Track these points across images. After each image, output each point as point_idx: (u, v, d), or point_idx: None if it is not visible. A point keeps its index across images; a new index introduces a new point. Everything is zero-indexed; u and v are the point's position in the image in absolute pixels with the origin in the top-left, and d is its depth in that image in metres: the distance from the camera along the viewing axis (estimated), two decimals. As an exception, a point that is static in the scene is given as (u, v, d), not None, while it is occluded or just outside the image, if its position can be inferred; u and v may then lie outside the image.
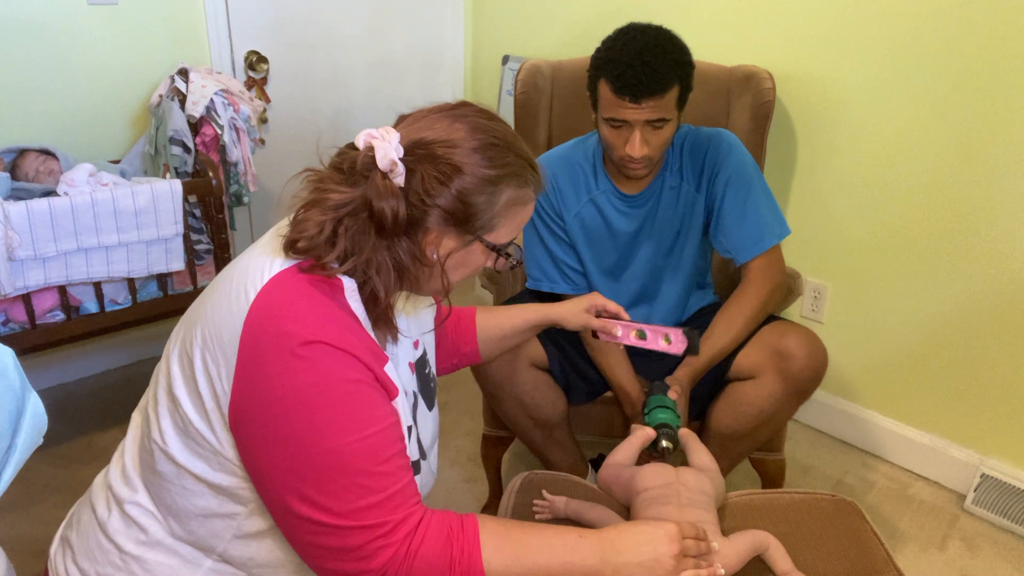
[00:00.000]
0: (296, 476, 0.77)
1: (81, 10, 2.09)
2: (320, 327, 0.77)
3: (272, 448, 0.77)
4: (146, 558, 0.87)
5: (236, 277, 0.82)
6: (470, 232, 0.86)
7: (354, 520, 0.77)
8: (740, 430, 1.48)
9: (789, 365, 1.40)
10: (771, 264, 1.51)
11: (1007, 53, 1.65)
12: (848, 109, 1.94)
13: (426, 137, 0.83)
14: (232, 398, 0.78)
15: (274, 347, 0.76)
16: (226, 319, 0.78)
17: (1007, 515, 1.83)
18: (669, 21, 2.26)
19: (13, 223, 1.66)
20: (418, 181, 0.82)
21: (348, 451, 0.77)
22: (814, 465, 2.06)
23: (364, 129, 0.84)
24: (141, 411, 0.93)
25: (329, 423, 0.76)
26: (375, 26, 2.69)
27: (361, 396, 0.79)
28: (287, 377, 0.75)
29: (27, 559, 1.66)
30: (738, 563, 1.06)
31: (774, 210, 1.53)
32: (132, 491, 0.89)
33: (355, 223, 0.82)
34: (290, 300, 0.78)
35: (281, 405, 0.76)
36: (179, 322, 0.88)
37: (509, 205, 0.87)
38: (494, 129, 0.86)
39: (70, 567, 0.91)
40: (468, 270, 0.91)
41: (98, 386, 2.35)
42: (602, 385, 1.62)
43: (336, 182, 0.84)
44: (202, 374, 0.79)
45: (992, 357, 1.83)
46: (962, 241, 1.82)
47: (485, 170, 0.84)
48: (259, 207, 2.59)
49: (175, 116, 2.03)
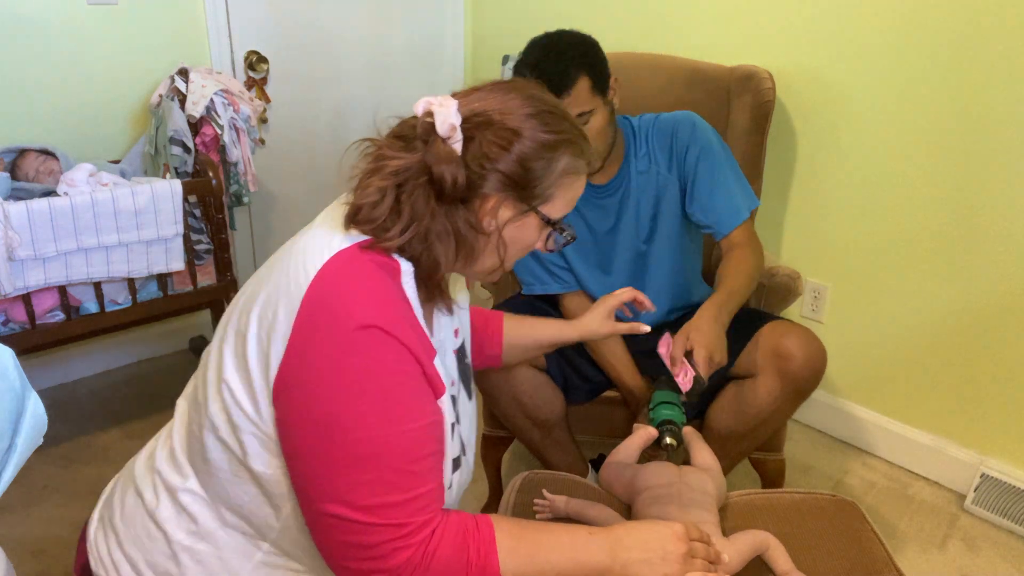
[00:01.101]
0: (326, 462, 0.76)
1: (81, 10, 2.09)
2: (378, 312, 0.77)
3: (309, 427, 0.76)
4: (197, 548, 0.86)
5: (296, 254, 0.81)
6: (527, 201, 0.87)
7: (376, 517, 0.76)
8: (739, 430, 1.48)
9: (788, 365, 1.40)
10: (751, 233, 1.54)
11: (1007, 53, 1.65)
12: (848, 109, 1.94)
13: (482, 107, 0.85)
14: (279, 372, 0.77)
15: (329, 326, 0.75)
16: (284, 294, 0.78)
17: (1007, 515, 1.83)
18: (669, 21, 2.27)
19: (13, 223, 1.66)
20: (477, 146, 0.83)
21: (384, 443, 0.76)
22: (814, 465, 2.06)
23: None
24: (188, 398, 0.92)
25: (370, 411, 0.76)
26: (375, 26, 2.69)
27: (407, 389, 0.79)
28: (337, 359, 0.75)
29: (27, 559, 1.66)
30: (739, 563, 1.06)
31: (742, 182, 1.56)
32: (183, 479, 0.88)
33: (415, 189, 0.82)
34: (350, 280, 0.78)
35: (326, 385, 0.75)
36: (231, 305, 0.88)
37: (565, 174, 0.88)
38: (547, 99, 0.88)
39: (115, 552, 0.90)
40: (521, 247, 0.91)
41: (98, 386, 2.35)
42: (601, 384, 1.62)
43: (395, 149, 0.84)
44: (254, 350, 0.78)
45: (992, 357, 1.83)
46: (962, 241, 1.82)
47: (543, 135, 0.85)
48: (259, 207, 2.60)
49: (175, 116, 2.03)
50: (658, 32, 2.27)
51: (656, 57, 2.00)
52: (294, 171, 2.64)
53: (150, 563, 0.87)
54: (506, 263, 0.90)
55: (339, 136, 2.70)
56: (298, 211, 2.70)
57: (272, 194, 2.62)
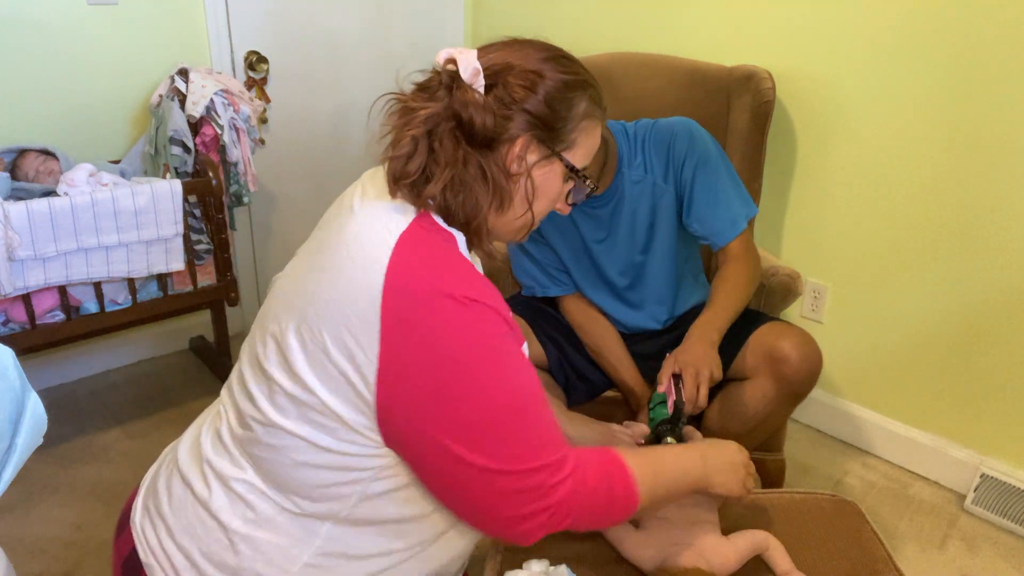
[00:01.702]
0: (466, 432, 0.78)
1: (81, 10, 2.10)
2: (467, 284, 0.79)
3: (440, 407, 0.77)
4: (255, 536, 0.85)
5: (354, 243, 0.82)
6: (551, 146, 0.89)
7: (529, 463, 0.80)
8: (736, 431, 1.48)
9: (783, 367, 1.40)
10: (748, 244, 1.52)
11: (1008, 53, 1.65)
12: (848, 109, 1.94)
13: (499, 56, 0.88)
14: (381, 365, 0.77)
15: (426, 308, 0.77)
16: (359, 286, 0.78)
17: (1007, 515, 1.83)
18: (669, 21, 2.27)
19: (13, 223, 1.66)
20: (501, 90, 0.85)
21: (512, 402, 0.80)
22: (814, 465, 2.06)
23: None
24: (239, 388, 0.90)
25: (491, 377, 0.79)
26: (375, 26, 2.69)
27: (509, 347, 0.82)
28: (448, 337, 0.77)
29: (27, 559, 1.66)
30: (737, 563, 1.06)
31: (741, 191, 1.53)
32: (239, 468, 0.87)
33: (444, 135, 0.84)
34: (428, 258, 0.80)
35: (445, 366, 0.77)
36: (274, 301, 0.87)
37: (585, 117, 0.90)
38: (559, 48, 0.92)
39: (166, 543, 0.89)
40: (548, 197, 0.93)
41: (98, 386, 2.35)
42: (602, 385, 1.62)
43: (420, 100, 0.87)
44: (336, 346, 0.78)
45: (992, 357, 1.83)
46: (962, 241, 1.82)
47: (562, 75, 0.87)
48: (259, 207, 2.60)
49: (175, 116, 2.03)
50: (658, 32, 2.27)
51: (656, 57, 2.00)
52: (294, 171, 2.65)
53: (205, 553, 0.86)
54: (535, 212, 0.92)
55: (339, 136, 2.70)
56: (298, 211, 2.70)
57: (272, 194, 2.62)
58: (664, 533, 1.08)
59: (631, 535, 1.09)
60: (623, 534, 1.10)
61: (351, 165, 2.75)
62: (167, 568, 0.88)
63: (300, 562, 0.86)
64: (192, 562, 0.87)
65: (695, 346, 1.33)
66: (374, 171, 0.93)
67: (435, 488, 0.84)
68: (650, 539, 1.08)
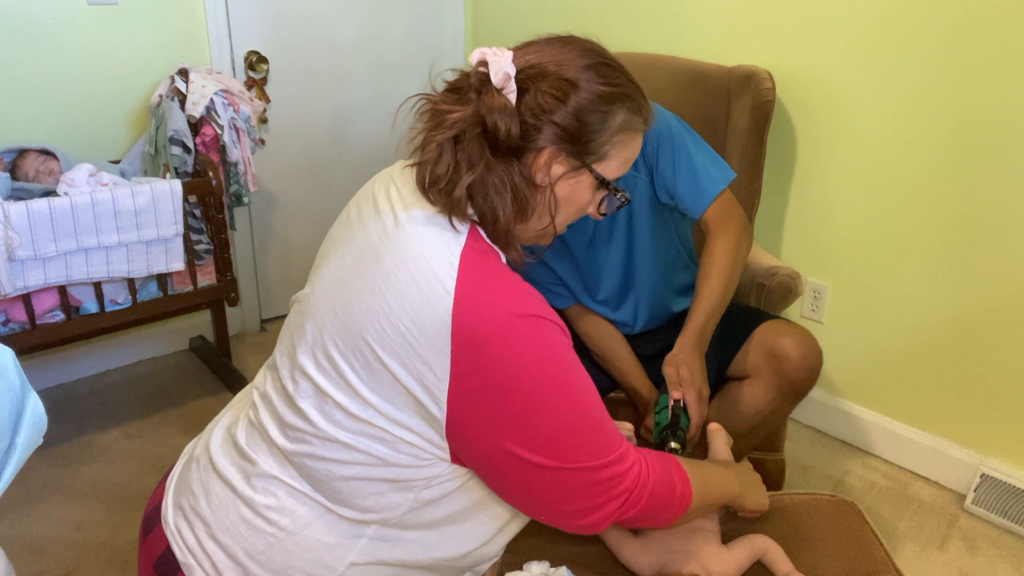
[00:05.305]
0: (539, 441, 0.80)
1: (81, 10, 2.09)
2: (526, 301, 0.80)
3: (512, 420, 0.79)
4: (303, 534, 0.85)
5: (414, 266, 0.80)
6: (581, 158, 0.86)
7: (599, 459, 0.82)
8: (736, 430, 1.48)
9: (783, 365, 1.39)
10: (726, 209, 1.44)
11: (1008, 53, 1.65)
12: (848, 109, 1.94)
13: (537, 59, 0.85)
14: (452, 385, 0.78)
15: (494, 328, 0.77)
16: (426, 311, 0.78)
17: (1007, 515, 1.83)
18: (669, 21, 2.27)
19: (13, 223, 1.66)
20: (531, 97, 0.83)
21: (579, 407, 0.82)
22: (814, 465, 2.06)
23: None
24: (281, 399, 0.89)
25: (559, 388, 0.80)
26: (375, 26, 2.69)
27: (571, 357, 0.83)
28: (517, 355, 0.78)
29: (27, 559, 1.66)
30: (737, 571, 1.05)
31: (713, 158, 1.47)
32: (283, 469, 0.87)
33: (470, 141, 0.83)
34: (490, 280, 0.80)
35: (515, 381, 0.78)
36: (316, 311, 0.86)
37: (621, 130, 0.87)
38: (604, 52, 0.88)
39: (206, 541, 0.88)
40: (574, 208, 0.91)
41: (98, 386, 2.35)
42: (605, 387, 1.61)
43: (450, 103, 0.85)
44: (402, 368, 0.79)
45: (992, 357, 1.83)
46: (963, 241, 1.82)
47: (600, 87, 0.84)
48: (259, 207, 2.60)
49: (175, 116, 2.03)
50: (658, 32, 2.27)
51: (656, 57, 2.00)
52: (294, 171, 2.64)
53: (249, 552, 0.86)
54: (557, 223, 0.91)
55: (339, 136, 2.70)
56: (298, 211, 2.70)
57: (272, 194, 2.62)
58: (663, 539, 1.06)
59: (630, 541, 1.08)
60: (621, 539, 1.08)
61: (351, 165, 2.75)
62: (208, 567, 0.87)
63: (346, 561, 0.86)
64: (236, 560, 0.86)
65: (687, 356, 1.33)
66: (401, 171, 0.92)
67: (505, 490, 0.86)
68: (649, 545, 1.07)
